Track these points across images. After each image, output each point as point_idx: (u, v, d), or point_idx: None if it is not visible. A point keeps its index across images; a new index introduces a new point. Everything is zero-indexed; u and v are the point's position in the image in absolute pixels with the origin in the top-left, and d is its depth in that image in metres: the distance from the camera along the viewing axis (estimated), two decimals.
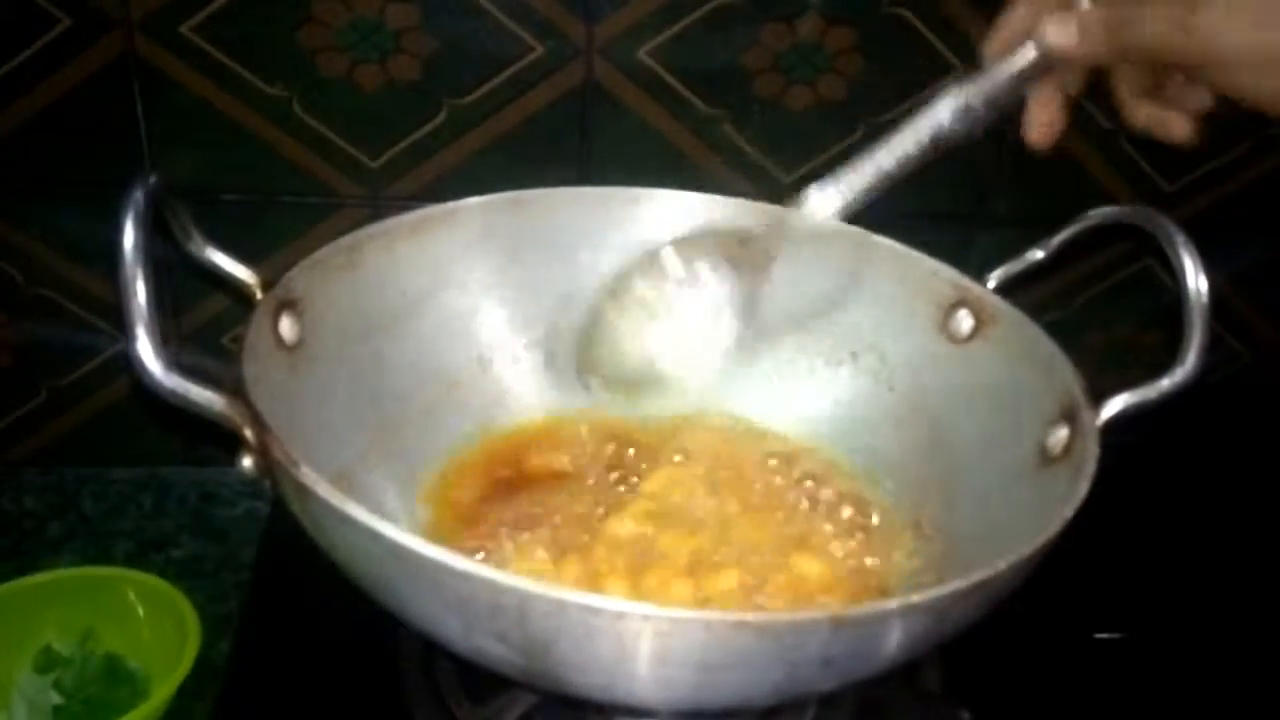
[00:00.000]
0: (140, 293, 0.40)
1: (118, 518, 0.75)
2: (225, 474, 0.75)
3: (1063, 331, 0.52)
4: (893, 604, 0.35)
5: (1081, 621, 0.62)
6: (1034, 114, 0.51)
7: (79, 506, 0.75)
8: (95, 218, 0.67)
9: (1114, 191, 0.75)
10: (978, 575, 0.37)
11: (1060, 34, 0.47)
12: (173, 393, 0.40)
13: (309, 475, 0.39)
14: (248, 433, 0.41)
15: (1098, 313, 0.80)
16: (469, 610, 0.37)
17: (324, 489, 0.38)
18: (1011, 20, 0.50)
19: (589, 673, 0.37)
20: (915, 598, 0.36)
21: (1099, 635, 0.62)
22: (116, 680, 0.64)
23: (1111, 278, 0.78)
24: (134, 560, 0.73)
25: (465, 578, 0.35)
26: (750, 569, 0.50)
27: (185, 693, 0.61)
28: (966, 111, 0.49)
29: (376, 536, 0.37)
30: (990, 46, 0.51)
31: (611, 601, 0.35)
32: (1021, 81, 0.49)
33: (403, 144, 0.68)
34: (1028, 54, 0.48)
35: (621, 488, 0.56)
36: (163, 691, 0.60)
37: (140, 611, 0.66)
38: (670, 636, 0.35)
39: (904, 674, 0.49)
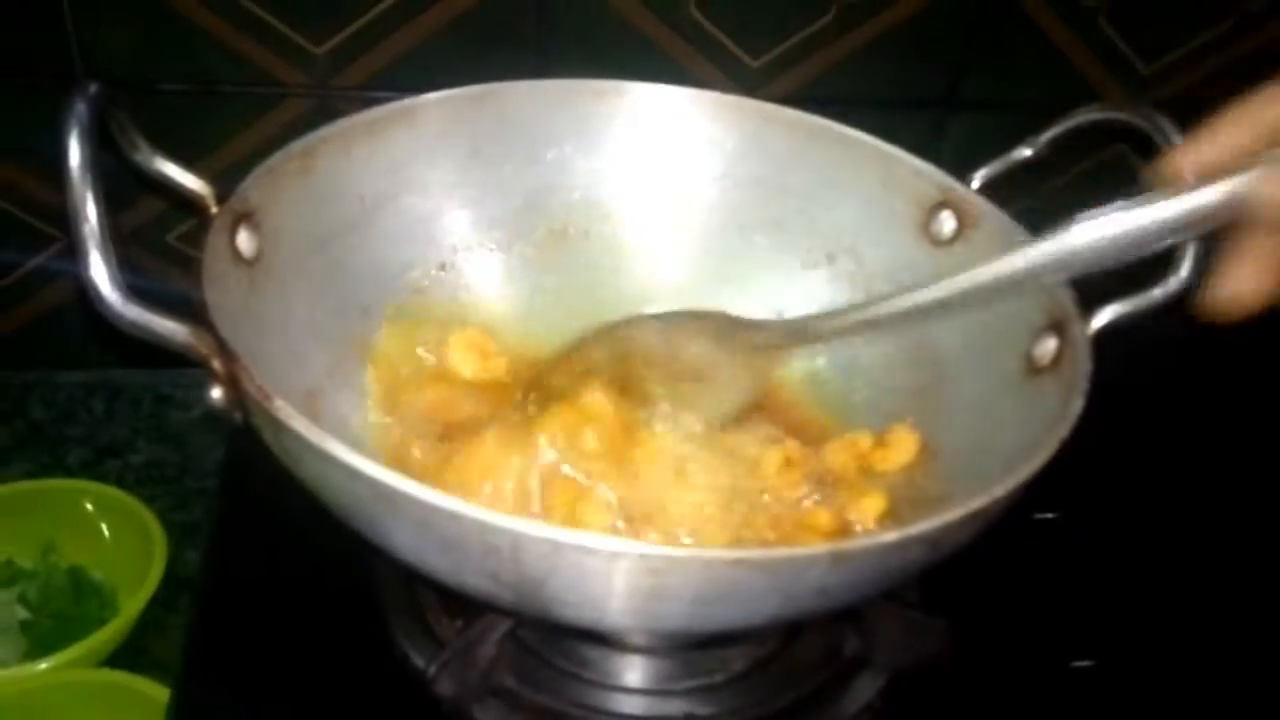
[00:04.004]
0: (92, 214, 0.37)
1: (69, 424, 0.73)
2: (180, 376, 0.73)
3: (1031, 219, 0.50)
4: (890, 536, 0.35)
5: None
6: (1234, 269, 0.38)
7: (27, 413, 0.73)
8: (19, 109, 0.63)
9: (1090, 74, 0.73)
10: (975, 504, 0.36)
11: None
12: (133, 324, 0.37)
13: (284, 409, 0.37)
14: (215, 364, 0.39)
15: (1068, 199, 0.78)
16: (458, 550, 0.36)
17: (301, 424, 0.37)
18: (1219, 139, 0.38)
19: (581, 608, 0.37)
20: (913, 530, 0.35)
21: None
22: (82, 593, 0.64)
23: (1085, 161, 0.77)
24: (90, 468, 0.71)
25: (456, 519, 0.34)
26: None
27: (154, 602, 0.61)
28: (1116, 242, 0.39)
29: (359, 475, 0.35)
30: (1181, 160, 0.39)
31: (607, 541, 0.34)
32: (1208, 222, 0.38)
33: (349, 29, 0.64)
34: (1226, 190, 0.37)
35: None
36: (133, 604, 0.60)
37: (101, 523, 0.66)
38: (666, 575, 0.34)
39: None
